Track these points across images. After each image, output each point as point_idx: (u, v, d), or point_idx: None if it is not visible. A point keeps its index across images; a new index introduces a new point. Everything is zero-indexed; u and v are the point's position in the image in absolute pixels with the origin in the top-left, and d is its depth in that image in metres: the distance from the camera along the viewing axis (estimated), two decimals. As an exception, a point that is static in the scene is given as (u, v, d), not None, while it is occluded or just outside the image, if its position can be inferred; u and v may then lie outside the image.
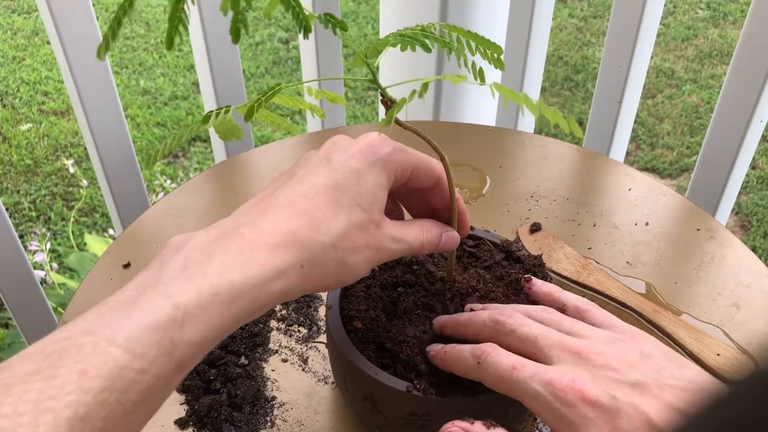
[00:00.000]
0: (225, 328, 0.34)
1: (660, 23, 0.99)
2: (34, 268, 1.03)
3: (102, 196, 1.22)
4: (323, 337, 0.57)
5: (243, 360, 0.54)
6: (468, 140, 0.79)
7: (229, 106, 0.40)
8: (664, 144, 2.04)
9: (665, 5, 1.28)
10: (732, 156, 0.89)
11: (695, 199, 0.93)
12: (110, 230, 1.59)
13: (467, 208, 0.70)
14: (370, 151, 0.40)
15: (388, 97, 0.40)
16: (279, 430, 0.50)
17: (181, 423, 0.50)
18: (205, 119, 0.39)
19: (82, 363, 0.30)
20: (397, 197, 0.46)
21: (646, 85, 1.65)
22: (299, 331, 0.58)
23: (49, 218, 1.81)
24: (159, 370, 0.32)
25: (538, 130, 2.04)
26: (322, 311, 0.59)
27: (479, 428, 0.39)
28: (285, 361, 0.55)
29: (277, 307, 0.59)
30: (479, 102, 1.06)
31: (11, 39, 2.46)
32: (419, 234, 0.42)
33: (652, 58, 1.67)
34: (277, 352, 0.56)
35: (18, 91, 2.22)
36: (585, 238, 0.66)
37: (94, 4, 0.85)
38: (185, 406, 0.52)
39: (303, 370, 0.55)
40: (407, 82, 0.40)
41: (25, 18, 2.58)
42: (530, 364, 0.39)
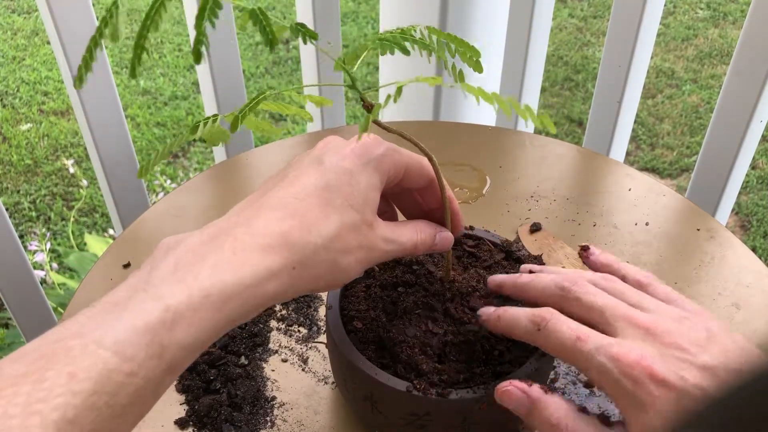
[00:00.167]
0: (216, 330, 0.34)
1: (660, 23, 0.99)
2: (34, 268, 1.03)
3: (102, 196, 1.22)
4: (323, 337, 0.57)
5: (243, 360, 0.54)
6: (468, 140, 0.79)
7: (216, 115, 0.40)
8: (664, 144, 2.04)
9: (665, 5, 1.28)
10: (732, 156, 0.89)
11: (695, 199, 0.93)
12: (110, 230, 1.59)
13: (467, 208, 0.71)
14: (362, 151, 0.40)
15: (368, 102, 0.40)
16: (279, 430, 0.50)
17: (181, 423, 0.50)
18: (194, 129, 0.39)
19: (70, 366, 0.30)
20: (391, 198, 0.46)
21: (646, 85, 1.65)
22: (299, 331, 0.58)
23: (49, 218, 1.81)
24: (148, 372, 0.32)
25: (538, 131, 2.04)
26: (322, 311, 0.59)
27: (536, 390, 0.39)
28: (285, 361, 0.55)
29: (277, 307, 0.60)
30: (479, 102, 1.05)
31: (11, 39, 2.46)
32: (413, 235, 0.42)
33: (652, 58, 1.67)
34: (277, 352, 0.56)
35: (18, 91, 2.22)
36: (585, 238, 0.66)
37: (94, 4, 0.85)
38: (185, 406, 0.52)
39: (303, 370, 0.55)
40: (385, 86, 0.40)
41: (25, 18, 2.58)
42: (594, 335, 0.39)
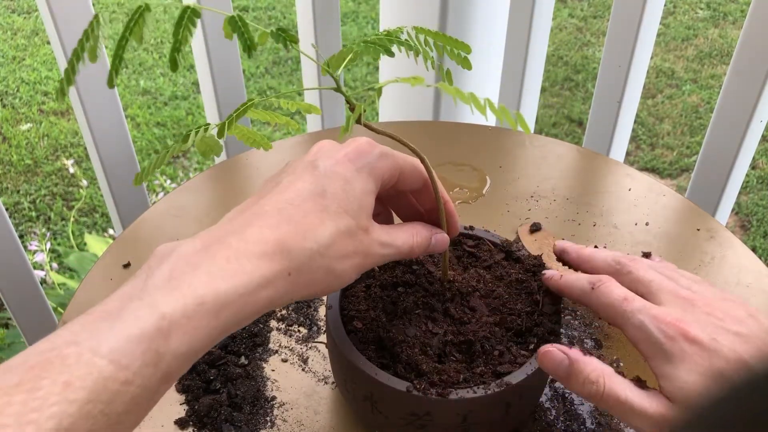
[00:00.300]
0: (211, 337, 0.34)
1: (660, 23, 0.99)
2: (34, 268, 1.03)
3: (102, 196, 1.22)
4: (323, 337, 0.57)
5: (243, 360, 0.54)
6: (468, 140, 0.79)
7: (208, 124, 0.40)
8: (664, 144, 2.04)
9: (665, 5, 1.28)
10: (732, 156, 0.89)
11: (695, 199, 0.93)
12: (110, 230, 1.59)
13: (467, 208, 0.71)
14: (356, 156, 0.40)
15: (352, 103, 0.40)
16: (279, 430, 0.50)
17: (181, 423, 0.50)
18: (185, 138, 0.39)
19: (65, 374, 0.30)
20: (386, 200, 0.46)
21: (646, 85, 1.65)
22: (299, 331, 0.58)
23: (49, 218, 1.81)
24: (144, 381, 0.31)
25: (538, 130, 2.04)
26: (322, 311, 0.59)
27: (576, 352, 0.42)
28: (285, 361, 0.55)
29: (277, 307, 0.60)
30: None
31: (11, 39, 2.46)
32: (409, 238, 0.42)
33: (652, 58, 1.67)
34: (277, 352, 0.56)
35: (18, 91, 2.22)
36: (585, 238, 0.66)
37: (94, 4, 0.85)
38: (185, 406, 0.52)
39: (303, 370, 0.55)
40: (371, 87, 0.40)
41: (25, 18, 2.58)
42: (640, 299, 0.42)
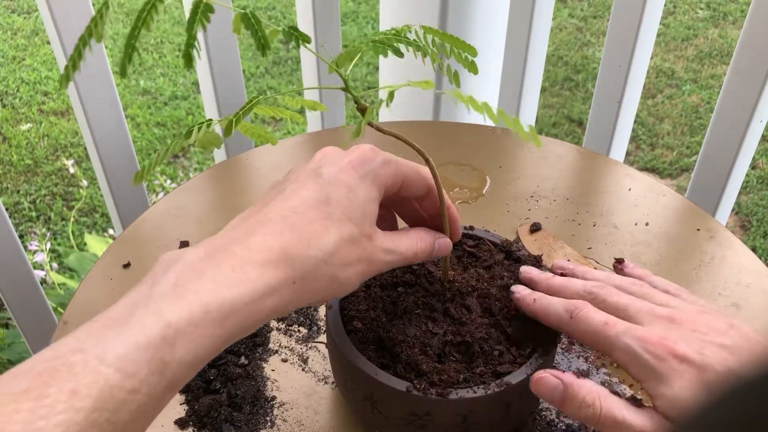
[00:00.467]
0: (216, 346, 0.34)
1: (660, 23, 0.99)
2: (34, 268, 1.03)
3: (102, 196, 1.22)
4: (323, 337, 0.57)
5: (243, 360, 0.54)
6: (468, 140, 0.79)
7: (210, 120, 0.40)
8: (664, 144, 2.04)
9: (665, 5, 1.28)
10: (732, 156, 0.89)
11: (695, 199, 0.93)
12: (110, 230, 1.59)
13: (467, 208, 0.71)
14: (360, 163, 0.40)
15: (362, 105, 0.40)
16: (279, 430, 0.50)
17: (181, 423, 0.50)
18: (187, 134, 0.39)
19: (72, 382, 0.30)
20: (389, 205, 0.46)
21: (646, 85, 1.64)
22: (299, 331, 0.58)
23: (49, 218, 1.81)
24: (150, 389, 0.32)
25: (538, 130, 2.04)
26: (322, 311, 0.59)
27: (569, 376, 0.41)
28: (285, 361, 0.55)
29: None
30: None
31: (11, 39, 2.46)
32: (413, 244, 0.42)
33: (652, 58, 1.67)
34: (277, 352, 0.56)
35: (18, 91, 2.22)
36: (585, 238, 0.66)
37: (93, 4, 0.85)
38: (185, 406, 0.52)
39: (303, 370, 0.55)
40: (382, 88, 0.40)
41: (25, 18, 2.58)
42: (621, 321, 0.41)
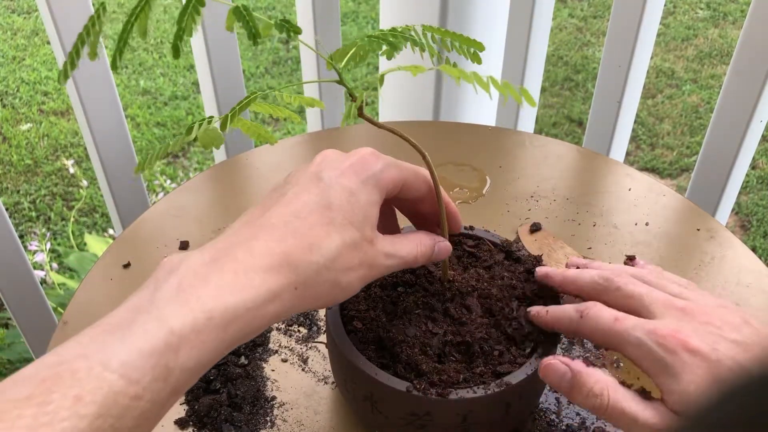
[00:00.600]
0: (219, 351, 0.34)
1: (660, 23, 0.99)
2: (34, 268, 1.03)
3: (102, 196, 1.22)
4: (323, 337, 0.57)
5: (243, 360, 0.54)
6: (468, 140, 0.79)
7: (212, 117, 0.40)
8: (664, 144, 2.04)
9: (665, 5, 1.28)
10: (732, 156, 0.89)
11: (695, 199, 0.93)
12: (110, 230, 1.59)
13: (467, 208, 0.71)
14: (361, 168, 0.40)
15: (354, 96, 0.40)
16: (279, 430, 0.50)
17: (181, 423, 0.50)
18: (188, 131, 0.39)
19: (76, 388, 0.30)
20: (390, 202, 0.46)
21: (646, 85, 1.64)
22: (299, 331, 0.58)
23: (49, 218, 1.81)
24: (154, 395, 0.32)
25: (538, 130, 2.04)
26: (322, 311, 0.59)
27: (578, 364, 0.41)
28: (285, 361, 0.55)
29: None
30: (479, 102, 1.06)
31: (11, 39, 2.46)
32: (413, 248, 0.43)
33: (652, 58, 1.67)
34: (277, 352, 0.56)
35: (18, 91, 2.22)
36: (585, 238, 0.66)
37: (93, 4, 0.85)
38: (185, 406, 0.52)
39: (303, 370, 0.55)
40: (372, 87, 0.41)
41: (25, 18, 2.58)
42: (631, 317, 0.41)
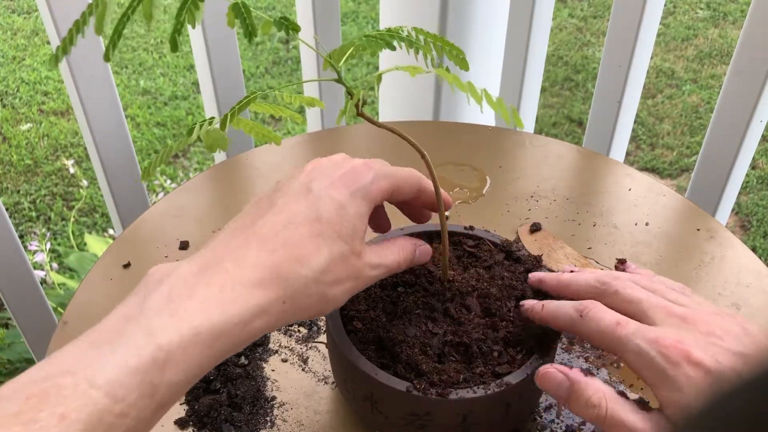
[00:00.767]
0: (205, 366, 0.34)
1: (660, 23, 0.99)
2: (34, 268, 1.03)
3: (102, 196, 1.22)
4: (323, 337, 0.57)
5: (243, 360, 0.54)
6: (468, 140, 0.79)
7: (213, 117, 0.40)
8: (664, 144, 2.04)
9: (665, 5, 1.28)
10: (732, 156, 0.89)
11: (695, 199, 0.93)
12: (110, 230, 1.59)
13: (467, 208, 0.71)
14: (351, 179, 0.40)
15: (353, 93, 0.40)
16: (279, 430, 0.50)
17: (181, 423, 0.50)
18: (189, 132, 0.39)
19: (62, 406, 0.30)
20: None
21: (646, 85, 1.64)
22: (299, 331, 0.58)
23: (49, 218, 1.81)
24: (140, 412, 0.32)
25: (538, 130, 2.04)
26: (322, 311, 0.59)
27: (576, 373, 0.40)
28: (285, 361, 0.55)
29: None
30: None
31: (11, 39, 2.46)
32: (397, 255, 0.43)
33: (652, 58, 1.67)
34: (277, 352, 0.56)
35: (18, 91, 2.22)
36: (585, 238, 0.66)
37: (94, 4, 0.85)
38: (185, 406, 0.52)
39: (303, 370, 0.55)
40: (371, 87, 0.41)
41: (25, 18, 2.58)
42: (633, 322, 0.40)
